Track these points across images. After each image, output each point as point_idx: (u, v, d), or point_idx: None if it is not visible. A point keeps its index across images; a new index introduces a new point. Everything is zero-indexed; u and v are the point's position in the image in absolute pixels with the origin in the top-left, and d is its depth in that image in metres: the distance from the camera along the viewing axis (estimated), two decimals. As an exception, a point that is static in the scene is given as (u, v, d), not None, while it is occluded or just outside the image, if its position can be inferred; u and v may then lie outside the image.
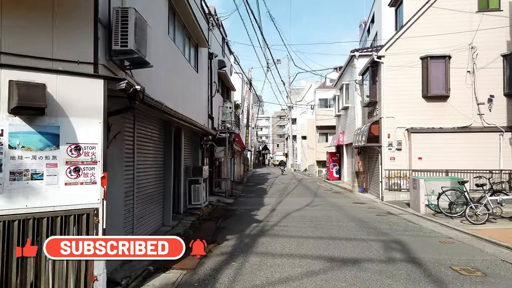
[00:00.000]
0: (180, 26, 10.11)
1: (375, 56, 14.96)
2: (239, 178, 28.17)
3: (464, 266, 5.76)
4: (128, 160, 6.31)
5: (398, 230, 8.73)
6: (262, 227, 9.12)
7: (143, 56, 5.20)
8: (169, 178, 8.81)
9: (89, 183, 4.24)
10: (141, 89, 4.63)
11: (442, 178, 12.44)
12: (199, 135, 12.63)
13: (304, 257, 6.34)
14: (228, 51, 22.11)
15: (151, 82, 7.30)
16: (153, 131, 7.94)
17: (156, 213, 8.24)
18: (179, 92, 9.83)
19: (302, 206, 13.05)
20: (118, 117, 5.23)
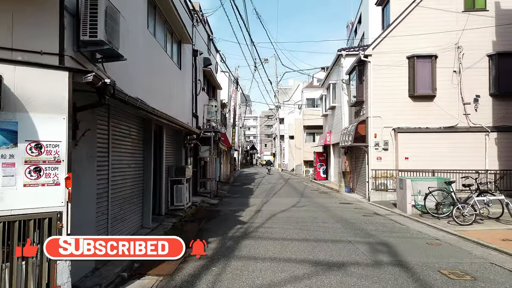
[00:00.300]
0: (161, 21, 9.74)
1: (362, 55, 14.82)
2: (226, 178, 27.81)
3: (453, 270, 5.57)
4: (101, 159, 5.94)
5: (385, 231, 8.54)
6: (246, 229, 8.82)
7: (115, 48, 4.84)
8: (149, 178, 8.43)
9: (52, 184, 3.88)
10: (111, 83, 4.28)
11: (429, 178, 12.34)
12: (183, 134, 12.25)
13: (288, 261, 6.07)
14: (214, 50, 21.74)
15: (130, 78, 6.95)
16: (131, 129, 7.56)
17: (135, 215, 7.87)
18: (161, 89, 9.47)
19: (288, 207, 12.81)
20: (88, 113, 4.87)
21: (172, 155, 11.55)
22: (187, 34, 11.43)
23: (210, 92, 20.40)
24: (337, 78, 20.50)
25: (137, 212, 8.04)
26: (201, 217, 10.72)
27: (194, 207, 12.22)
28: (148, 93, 8.04)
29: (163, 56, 9.69)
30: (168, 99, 10.19)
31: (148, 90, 8.18)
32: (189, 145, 13.40)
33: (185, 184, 11.16)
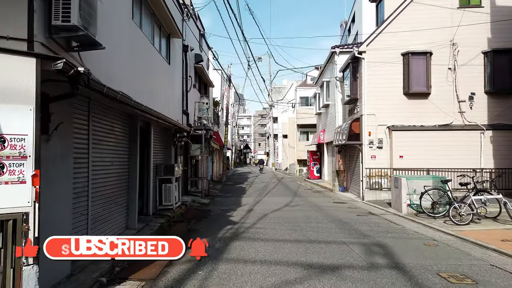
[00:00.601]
0: (148, 13, 9.34)
1: (356, 52, 14.54)
2: (219, 177, 27.44)
3: (452, 273, 5.28)
4: (81, 156, 5.56)
5: (380, 232, 8.25)
6: (237, 230, 8.48)
7: (92, 34, 4.47)
8: (134, 176, 8.06)
9: (17, 182, 3.52)
10: (85, 71, 3.92)
11: (424, 177, 12.11)
12: (172, 131, 11.87)
13: (279, 264, 5.74)
14: (206, 47, 21.34)
15: (113, 71, 6.57)
16: (115, 125, 7.18)
17: (119, 215, 7.49)
18: (148, 84, 9.09)
19: (281, 206, 12.49)
20: (63, 105, 4.49)
21: (160, 153, 11.17)
22: (176, 28, 11.04)
23: (202, 89, 20.00)
24: (331, 75, 20.23)
25: (122, 212, 7.66)
26: (191, 217, 10.35)
27: (184, 207, 11.85)
28: (134, 88, 7.65)
29: (150, 50, 9.31)
30: (156, 95, 9.81)
31: (134, 84, 7.80)
32: (179, 143, 13.02)
33: (174, 183, 10.79)
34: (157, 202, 10.38)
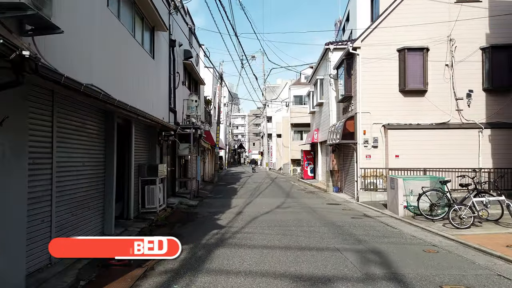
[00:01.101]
0: (128, 2, 8.72)
1: (350, 48, 14.02)
2: (210, 177, 26.80)
3: (457, 285, 4.74)
4: (41, 156, 4.95)
5: (376, 236, 7.72)
6: (223, 235, 7.90)
7: (46, 16, 3.86)
8: (111, 178, 7.42)
9: None
10: (31, 55, 3.32)
11: (422, 177, 11.60)
12: (157, 130, 11.25)
13: (265, 275, 5.18)
14: (196, 43, 20.68)
15: (82, 62, 5.96)
16: (87, 122, 6.55)
17: (93, 221, 6.87)
18: (127, 79, 8.47)
19: (272, 208, 11.93)
20: (12, 97, 3.89)
21: (144, 152, 10.55)
22: (161, 20, 10.42)
23: (192, 87, 19.37)
24: (325, 73, 19.70)
25: (97, 218, 7.04)
26: (175, 220, 9.75)
27: (170, 210, 11.24)
28: (109, 82, 7.04)
29: (130, 42, 8.69)
30: (137, 91, 9.19)
31: (109, 78, 7.18)
32: (165, 142, 12.40)
33: (159, 184, 10.18)
34: (139, 205, 9.77)
